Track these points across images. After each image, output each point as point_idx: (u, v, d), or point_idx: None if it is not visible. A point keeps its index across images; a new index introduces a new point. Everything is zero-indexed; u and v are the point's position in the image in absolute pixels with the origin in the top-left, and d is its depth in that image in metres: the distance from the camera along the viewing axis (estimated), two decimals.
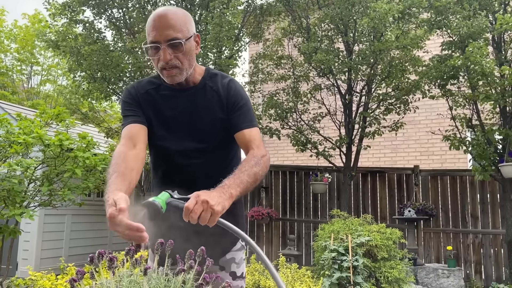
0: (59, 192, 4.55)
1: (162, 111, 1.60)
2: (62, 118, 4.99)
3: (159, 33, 1.45)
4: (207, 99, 1.59)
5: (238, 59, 6.79)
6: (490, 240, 6.62)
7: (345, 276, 4.39)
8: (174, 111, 1.60)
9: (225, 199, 1.21)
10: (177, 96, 1.60)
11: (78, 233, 7.15)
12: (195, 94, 1.60)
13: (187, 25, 1.51)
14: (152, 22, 1.48)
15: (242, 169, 1.37)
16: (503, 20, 5.26)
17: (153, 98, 1.61)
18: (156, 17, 1.48)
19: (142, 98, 1.62)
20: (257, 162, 1.43)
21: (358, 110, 6.71)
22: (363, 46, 6.44)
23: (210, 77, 1.62)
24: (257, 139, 1.55)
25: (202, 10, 6.90)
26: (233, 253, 1.66)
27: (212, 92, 1.60)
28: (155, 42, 1.46)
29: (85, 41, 6.51)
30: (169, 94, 1.61)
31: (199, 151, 1.58)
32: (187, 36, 1.49)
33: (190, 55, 1.52)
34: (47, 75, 14.14)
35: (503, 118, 5.96)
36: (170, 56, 1.46)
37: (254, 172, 1.38)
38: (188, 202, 1.15)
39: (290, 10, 7.10)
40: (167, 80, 1.54)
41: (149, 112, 1.60)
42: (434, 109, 8.40)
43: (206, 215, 1.15)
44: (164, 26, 1.45)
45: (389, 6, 5.48)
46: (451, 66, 5.71)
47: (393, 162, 8.97)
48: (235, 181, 1.31)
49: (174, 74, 1.50)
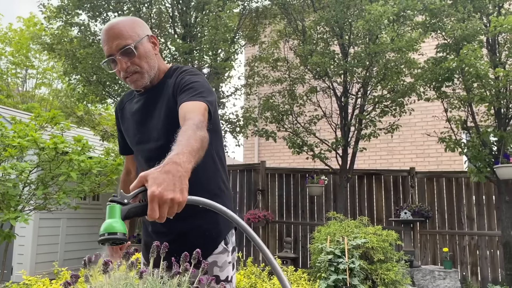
0: (54, 196, 4.52)
1: (129, 119, 1.69)
2: (57, 121, 4.97)
3: (110, 46, 1.49)
4: (163, 94, 1.58)
5: (234, 62, 6.80)
6: (486, 242, 6.64)
7: (341, 278, 4.39)
8: (135, 115, 1.65)
9: (185, 177, 1.03)
10: (139, 100, 1.65)
11: (73, 237, 7.11)
12: (153, 93, 1.61)
13: (135, 30, 1.53)
14: (102, 37, 1.53)
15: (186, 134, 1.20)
16: (497, 22, 5.29)
17: (127, 110, 1.71)
18: (104, 32, 1.52)
19: (121, 113, 1.75)
20: (198, 126, 1.26)
21: (354, 112, 6.72)
22: (359, 49, 6.46)
23: (171, 73, 1.61)
24: (196, 108, 1.38)
25: (197, 12, 6.90)
26: (214, 256, 1.59)
27: (168, 87, 1.57)
28: (110, 55, 1.50)
29: (80, 44, 6.49)
30: (136, 100, 1.67)
31: (158, 149, 1.53)
32: (136, 40, 1.51)
33: (147, 57, 1.54)
34: (42, 78, 14.09)
35: (497, 120, 5.99)
36: (126, 64, 1.49)
37: (200, 136, 1.21)
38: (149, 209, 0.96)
39: (285, 12, 7.12)
40: (132, 87, 1.59)
41: (125, 124, 1.73)
42: (429, 111, 8.43)
43: (173, 211, 0.99)
44: (112, 37, 1.49)
45: (384, 8, 5.51)
46: (446, 69, 5.74)
47: (389, 164, 8.99)
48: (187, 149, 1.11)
49: (136, 79, 1.53)
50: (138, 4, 6.71)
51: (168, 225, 1.32)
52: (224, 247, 1.61)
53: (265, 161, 8.23)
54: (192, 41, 6.67)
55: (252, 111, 7.48)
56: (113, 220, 0.95)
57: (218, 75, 6.51)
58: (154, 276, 1.07)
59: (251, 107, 7.60)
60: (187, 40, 6.75)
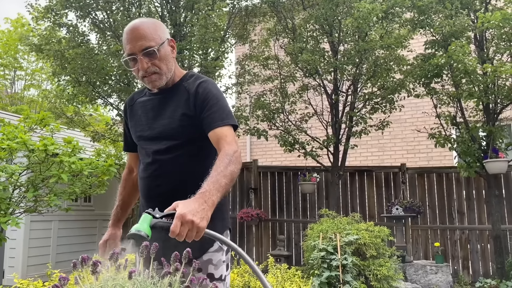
0: (44, 198, 4.48)
1: (140, 116, 1.75)
2: (47, 122, 4.92)
3: (133, 45, 1.57)
4: (177, 97, 1.66)
5: (224, 61, 6.79)
6: (476, 236, 6.71)
7: (334, 275, 4.41)
8: (148, 112, 1.72)
9: (208, 210, 1.24)
10: (153, 99, 1.72)
11: (65, 239, 7.06)
12: (168, 94, 1.69)
13: (158, 32, 1.62)
14: (125, 36, 1.60)
15: (218, 170, 1.38)
16: (485, 18, 5.34)
17: (138, 107, 1.76)
18: (129, 31, 1.60)
19: (130, 110, 1.80)
20: (231, 160, 1.43)
21: (344, 109, 6.75)
22: (348, 46, 6.48)
23: (187, 79, 1.71)
24: (228, 135, 1.54)
25: (187, 12, 6.88)
26: (209, 254, 1.62)
27: (184, 91, 1.67)
28: (131, 54, 1.59)
29: (69, 44, 6.43)
30: (148, 99, 1.74)
31: (168, 148, 1.63)
32: (159, 43, 1.60)
33: (167, 59, 1.63)
34: (31, 80, 13.96)
35: (486, 115, 6.06)
36: (147, 65, 1.58)
37: (230, 172, 1.40)
38: (173, 224, 1.16)
39: (275, 11, 7.12)
40: (149, 86, 1.68)
41: (134, 120, 1.77)
42: (419, 107, 8.49)
43: (192, 234, 1.19)
44: (136, 38, 1.57)
45: (372, 6, 5.53)
46: (434, 65, 5.79)
47: (380, 160, 9.05)
48: (214, 185, 1.32)
49: (154, 80, 1.62)
50: (128, 4, 6.67)
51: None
52: (220, 245, 1.63)
53: (257, 160, 8.24)
54: (182, 40, 6.65)
55: (243, 110, 7.48)
56: (142, 224, 1.18)
57: (208, 74, 6.49)
58: (144, 276, 1.07)
59: (242, 106, 7.60)
60: (177, 39, 6.72)
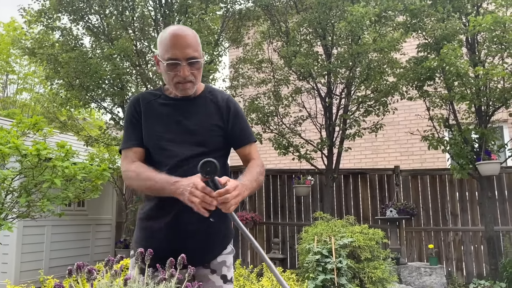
0: (37, 203, 4.45)
1: (163, 117, 1.72)
2: (40, 127, 4.89)
3: (179, 51, 1.61)
4: (207, 108, 1.75)
5: (218, 64, 6.79)
6: (470, 237, 6.75)
7: (329, 278, 4.42)
8: (173, 116, 1.72)
9: (241, 197, 1.46)
10: (176, 104, 1.74)
11: (58, 244, 7.00)
12: (197, 103, 1.75)
13: (199, 43, 1.70)
14: (171, 40, 1.62)
15: (253, 173, 1.66)
16: (476, 22, 5.40)
17: (155, 107, 1.75)
18: (175, 36, 1.63)
19: (145, 108, 1.76)
20: (261, 171, 1.72)
21: (338, 112, 6.78)
22: (342, 49, 6.52)
23: (209, 91, 1.81)
24: (256, 151, 1.83)
25: (180, 15, 6.87)
26: (223, 256, 1.70)
27: (211, 103, 1.76)
28: (175, 59, 1.61)
29: (62, 48, 6.41)
30: (170, 102, 1.75)
31: (198, 154, 1.67)
32: (201, 55, 1.69)
33: (201, 71, 1.73)
34: (24, 84, 13.86)
35: (478, 118, 6.11)
36: (188, 73, 1.64)
37: (260, 180, 1.68)
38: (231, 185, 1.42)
39: (269, 14, 7.14)
40: (180, 93, 1.70)
41: (151, 119, 1.73)
42: (412, 110, 8.54)
43: (235, 201, 1.41)
44: (183, 45, 1.62)
45: (365, 9, 5.57)
46: (427, 68, 5.83)
47: (374, 163, 9.08)
48: (250, 184, 1.57)
49: (187, 88, 1.68)
50: (121, 7, 6.66)
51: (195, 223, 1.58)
52: (232, 248, 1.77)
53: None
54: None
55: None
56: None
57: (202, 78, 6.48)
58: (139, 282, 1.07)
59: None
60: None
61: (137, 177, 1.62)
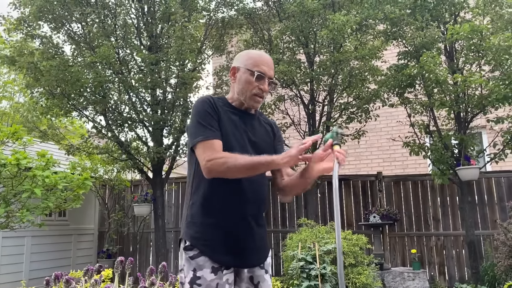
0: (17, 214, 4.36)
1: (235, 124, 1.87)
2: (19, 136, 4.80)
3: (269, 70, 1.89)
4: (261, 126, 1.99)
5: (201, 72, 6.79)
6: (451, 242, 6.85)
7: (313, 285, 4.42)
8: (243, 125, 1.89)
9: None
10: (243, 116, 1.91)
11: (39, 255, 6.86)
12: (257, 119, 1.98)
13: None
14: (262, 58, 1.91)
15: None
16: (454, 30, 5.53)
17: (228, 113, 1.88)
18: (266, 57, 1.93)
19: (222, 110, 1.88)
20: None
21: (321, 119, 6.84)
22: (324, 57, 6.59)
23: (258, 112, 2.04)
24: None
25: (163, 23, 6.87)
26: (269, 258, 1.92)
27: (264, 123, 2.02)
28: (264, 74, 1.87)
29: (42, 56, 6.32)
30: (237, 112, 1.91)
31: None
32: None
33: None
34: (3, 92, 13.60)
35: (457, 124, 6.23)
36: (267, 89, 1.90)
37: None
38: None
39: (252, 22, 7.19)
40: (253, 105, 1.91)
41: (225, 125, 1.84)
42: (394, 116, 8.67)
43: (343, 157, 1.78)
44: (271, 66, 1.92)
45: (346, 18, 5.65)
46: (407, 75, 5.94)
47: (357, 169, 9.17)
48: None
49: (259, 102, 1.91)
50: (103, 16, 6.61)
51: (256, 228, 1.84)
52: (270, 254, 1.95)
53: None
54: (158, 51, 6.63)
55: None
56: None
57: (185, 85, 6.48)
58: None
59: None
60: (153, 51, 6.70)
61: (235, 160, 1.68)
